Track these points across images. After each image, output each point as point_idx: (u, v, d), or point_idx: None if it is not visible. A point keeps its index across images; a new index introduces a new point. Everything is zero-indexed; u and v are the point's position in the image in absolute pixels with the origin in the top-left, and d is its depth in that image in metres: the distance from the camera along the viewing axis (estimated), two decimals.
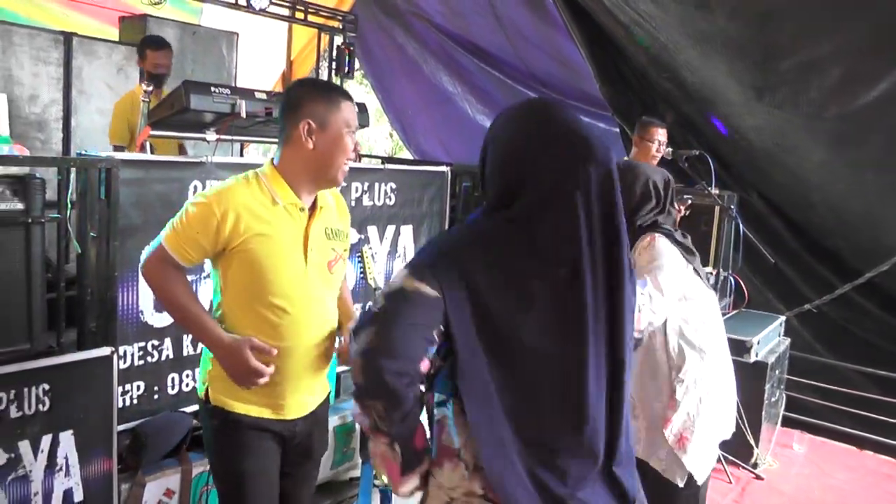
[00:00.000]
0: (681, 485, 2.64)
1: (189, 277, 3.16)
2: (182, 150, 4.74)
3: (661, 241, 2.74)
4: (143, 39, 4.77)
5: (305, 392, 2.28)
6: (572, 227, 1.43)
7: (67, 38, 4.91)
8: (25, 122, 4.74)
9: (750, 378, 4.09)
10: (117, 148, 4.31)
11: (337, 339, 2.34)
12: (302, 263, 2.17)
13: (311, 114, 2.12)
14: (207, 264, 2.24)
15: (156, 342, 3.14)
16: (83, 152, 3.06)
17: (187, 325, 2.18)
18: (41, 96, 4.81)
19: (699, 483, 2.68)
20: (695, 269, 2.80)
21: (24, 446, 2.61)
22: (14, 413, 2.58)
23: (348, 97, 2.23)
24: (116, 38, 5.51)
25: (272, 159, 2.22)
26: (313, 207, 2.23)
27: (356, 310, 4.09)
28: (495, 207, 1.53)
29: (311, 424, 2.33)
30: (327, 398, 2.43)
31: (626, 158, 2.69)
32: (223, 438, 2.21)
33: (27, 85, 4.74)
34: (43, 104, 4.82)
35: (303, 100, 2.15)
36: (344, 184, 3.86)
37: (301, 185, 2.17)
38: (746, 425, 4.14)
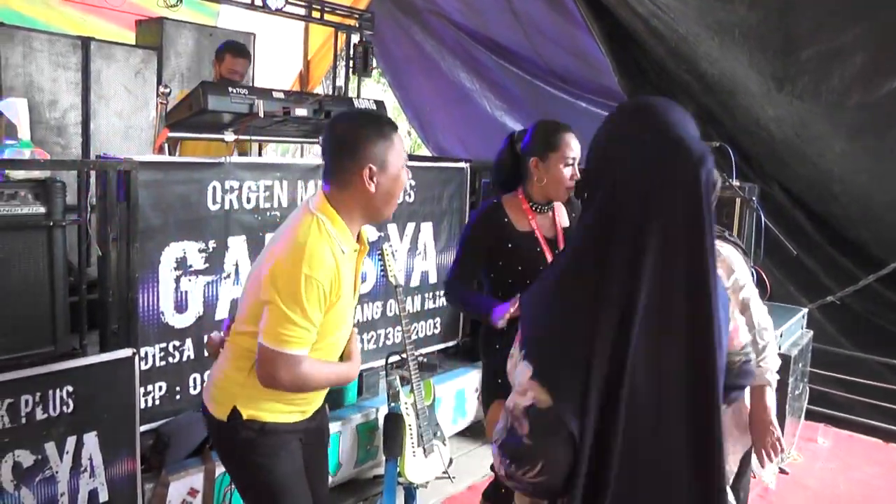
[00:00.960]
0: None
1: (209, 278, 3.20)
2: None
3: (733, 255, 2.61)
4: (226, 43, 4.75)
5: (324, 394, 2.33)
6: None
7: (85, 42, 4.94)
8: (46, 126, 4.77)
9: None
10: None
11: None
12: (352, 299, 2.18)
13: (373, 158, 2.04)
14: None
15: (177, 343, 3.17)
16: (102, 155, 3.08)
17: (332, 385, 2.25)
18: (60, 101, 4.84)
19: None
20: None
21: (50, 448, 2.66)
22: (40, 415, 2.62)
23: (396, 128, 2.15)
24: (133, 42, 5.54)
25: (324, 197, 2.10)
26: (359, 241, 2.20)
27: (376, 307, 4.12)
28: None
29: (320, 416, 2.37)
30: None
31: None
32: (262, 448, 2.16)
33: (47, 90, 4.78)
34: (62, 109, 4.85)
35: (361, 142, 2.05)
36: None
37: (355, 223, 2.13)
38: None
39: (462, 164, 4.67)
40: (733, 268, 2.58)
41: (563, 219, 2.84)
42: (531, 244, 2.72)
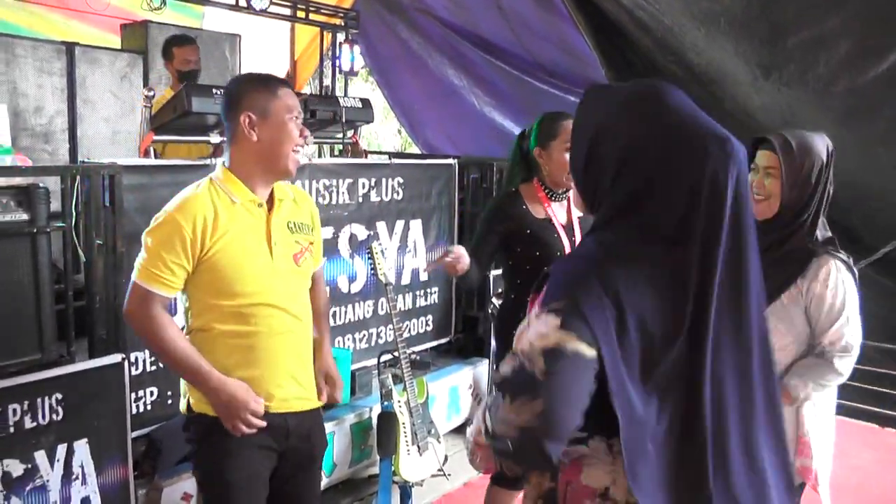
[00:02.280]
0: None
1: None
2: None
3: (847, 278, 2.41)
4: (167, 40, 4.75)
5: (289, 383, 2.23)
6: (714, 238, 1.29)
7: (70, 48, 4.92)
8: (32, 133, 4.74)
9: None
10: None
11: None
12: (268, 258, 2.16)
13: (251, 106, 2.10)
14: None
15: None
16: (86, 160, 3.06)
17: (183, 369, 2.13)
18: (46, 107, 4.81)
19: None
20: None
21: (41, 456, 2.63)
22: (28, 423, 2.60)
23: (287, 84, 2.22)
24: (118, 46, 5.51)
25: (223, 162, 2.20)
26: (271, 202, 2.22)
27: (367, 306, 4.09)
28: (619, 216, 1.35)
29: (308, 426, 2.29)
30: (322, 402, 2.40)
31: (787, 131, 2.48)
32: (206, 447, 2.18)
33: (32, 97, 4.75)
34: (48, 115, 4.83)
35: (241, 94, 2.13)
36: (350, 180, 3.88)
37: (255, 180, 2.16)
38: None
39: (450, 161, 4.66)
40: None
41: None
42: (548, 231, 2.82)
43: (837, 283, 2.35)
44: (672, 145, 1.32)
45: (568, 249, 2.81)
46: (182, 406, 2.24)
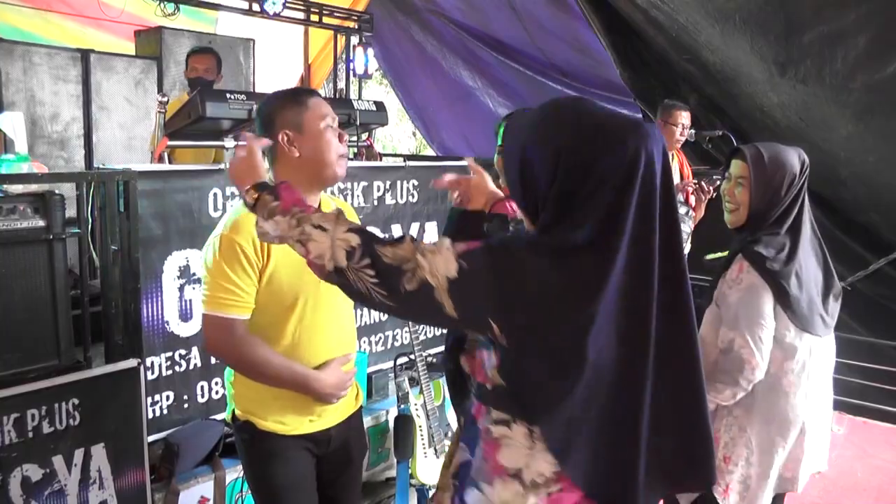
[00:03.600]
0: None
1: (181, 282, 3.17)
2: None
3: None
4: (189, 52, 4.87)
5: (340, 401, 2.27)
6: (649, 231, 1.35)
7: (85, 55, 4.95)
8: (48, 140, 4.78)
9: None
10: None
11: None
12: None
13: (285, 123, 2.09)
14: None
15: (183, 351, 3.15)
16: (101, 166, 3.07)
17: (283, 383, 2.13)
18: (62, 114, 4.85)
19: None
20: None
21: (58, 461, 2.65)
22: (46, 429, 2.61)
23: (315, 94, 2.21)
24: (133, 53, 5.54)
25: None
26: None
27: None
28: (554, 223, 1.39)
29: (346, 431, 2.32)
30: (360, 405, 2.43)
31: (763, 143, 2.53)
32: (255, 453, 2.20)
33: (48, 104, 4.79)
34: (64, 122, 4.86)
35: (273, 114, 2.12)
36: (365, 183, 3.88)
37: (303, 192, 2.15)
38: None
39: (464, 163, 4.63)
40: None
41: None
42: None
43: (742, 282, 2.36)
44: (596, 139, 1.36)
45: None
46: (228, 413, 2.26)
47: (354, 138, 4.37)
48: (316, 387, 2.13)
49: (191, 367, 3.18)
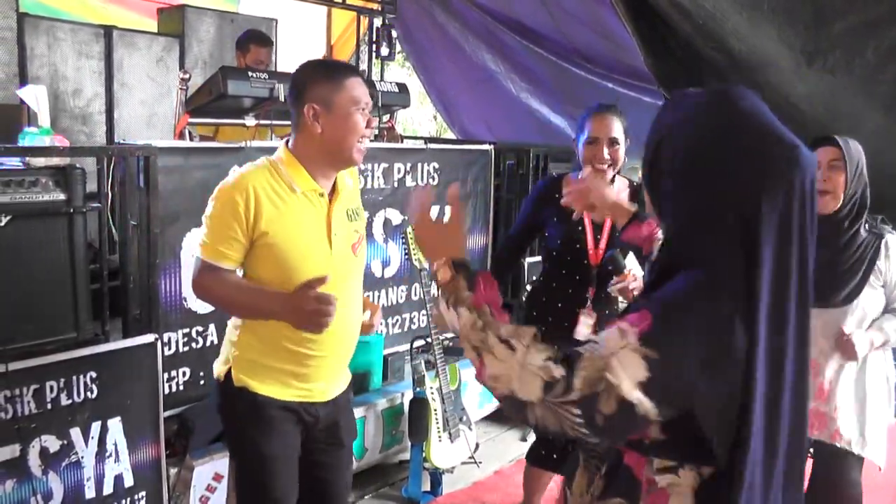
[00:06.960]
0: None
1: None
2: None
3: None
4: (249, 33, 4.73)
5: (335, 378, 2.27)
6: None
7: (108, 31, 4.95)
8: (70, 115, 4.80)
9: None
10: None
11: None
12: (327, 251, 2.14)
13: (315, 97, 2.07)
14: None
15: (200, 328, 3.17)
16: (122, 141, 3.08)
17: (250, 309, 2.12)
18: (84, 90, 4.86)
19: None
20: None
21: (76, 433, 2.68)
22: (64, 400, 2.64)
23: (354, 73, 2.17)
24: (155, 30, 5.54)
25: (286, 142, 2.18)
26: (333, 191, 2.19)
27: (401, 291, 4.10)
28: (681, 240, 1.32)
29: (335, 412, 2.30)
30: (349, 386, 2.40)
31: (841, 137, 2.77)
32: (248, 420, 2.18)
33: (71, 79, 4.80)
34: (87, 98, 4.87)
35: (305, 84, 2.10)
36: (386, 164, 3.87)
37: (318, 169, 2.13)
38: None
39: (486, 147, 4.62)
40: None
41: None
42: (575, 222, 2.81)
43: None
44: (733, 150, 1.27)
45: (591, 245, 2.85)
46: (219, 372, 2.22)
47: (376, 120, 4.37)
48: (280, 298, 2.02)
49: (207, 343, 3.20)
